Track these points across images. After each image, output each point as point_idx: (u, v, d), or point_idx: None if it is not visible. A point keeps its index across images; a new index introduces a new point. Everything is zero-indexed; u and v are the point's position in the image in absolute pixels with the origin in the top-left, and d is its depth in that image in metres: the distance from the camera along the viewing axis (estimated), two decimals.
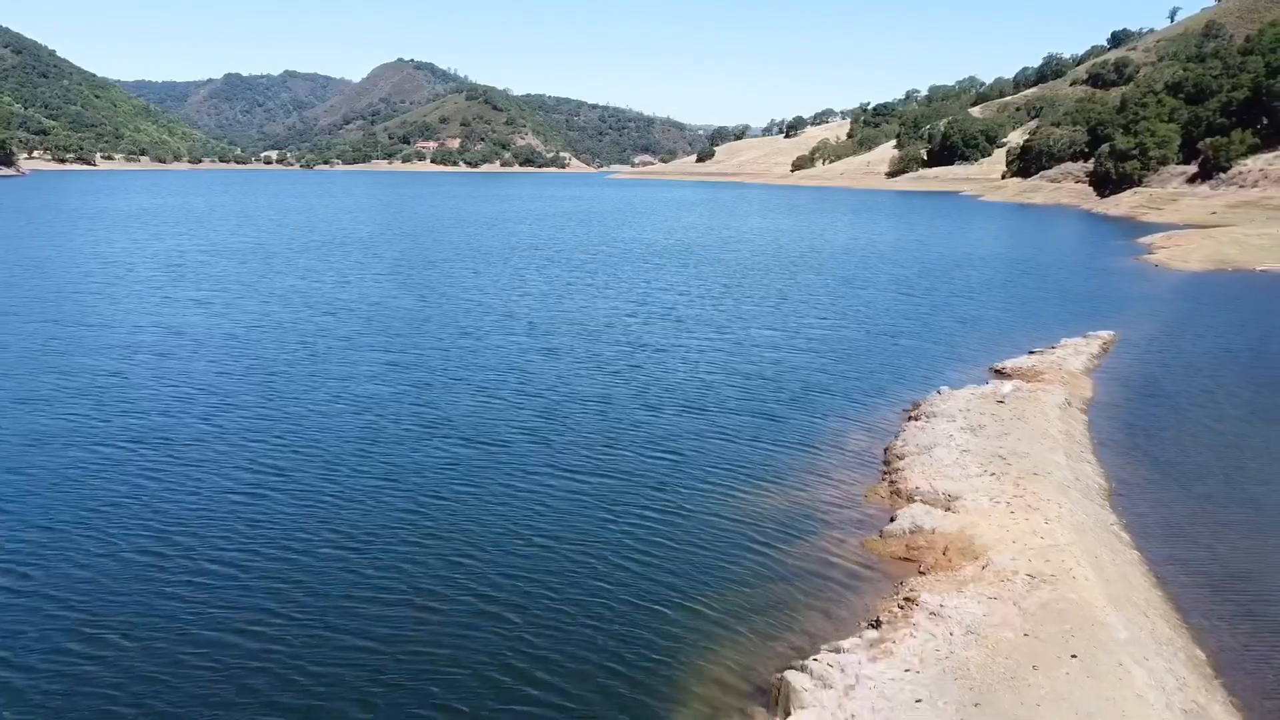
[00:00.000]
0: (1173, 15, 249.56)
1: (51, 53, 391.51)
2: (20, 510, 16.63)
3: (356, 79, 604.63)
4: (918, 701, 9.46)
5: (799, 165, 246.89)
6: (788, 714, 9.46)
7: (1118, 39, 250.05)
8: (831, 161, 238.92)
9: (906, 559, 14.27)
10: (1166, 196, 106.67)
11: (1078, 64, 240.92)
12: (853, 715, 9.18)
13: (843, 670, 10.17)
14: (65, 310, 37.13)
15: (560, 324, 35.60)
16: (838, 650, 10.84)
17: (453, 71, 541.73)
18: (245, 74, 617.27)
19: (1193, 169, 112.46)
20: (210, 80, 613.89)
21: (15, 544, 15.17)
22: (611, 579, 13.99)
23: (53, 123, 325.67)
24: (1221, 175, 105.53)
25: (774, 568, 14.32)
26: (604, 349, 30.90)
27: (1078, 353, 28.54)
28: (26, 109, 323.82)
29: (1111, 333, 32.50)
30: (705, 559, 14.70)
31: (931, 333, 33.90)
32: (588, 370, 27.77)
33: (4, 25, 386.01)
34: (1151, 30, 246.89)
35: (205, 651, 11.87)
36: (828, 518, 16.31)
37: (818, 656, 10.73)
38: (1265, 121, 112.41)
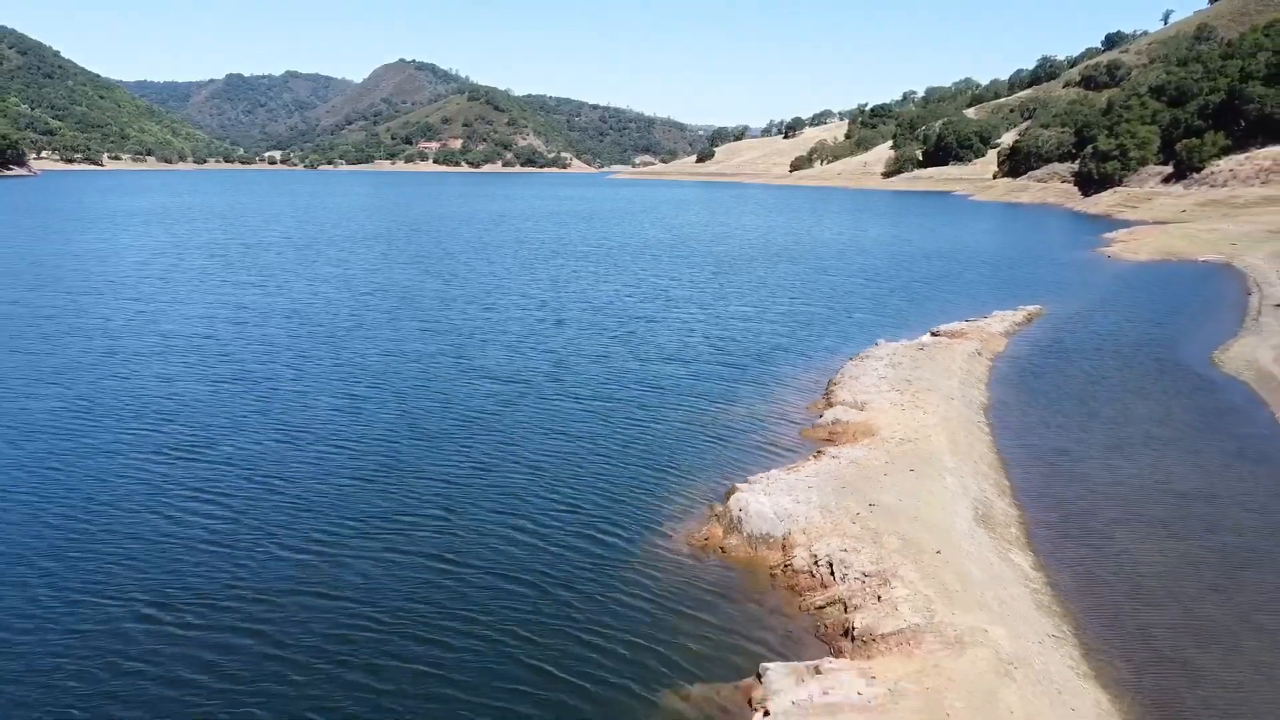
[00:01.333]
0: (1166, 18, 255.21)
1: (56, 53, 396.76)
2: (176, 419, 22.81)
3: (358, 79, 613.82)
4: (809, 487, 15.63)
5: (797, 166, 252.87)
6: (732, 495, 15.63)
7: (1112, 41, 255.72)
8: (829, 162, 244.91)
9: (828, 439, 20.43)
10: (1142, 195, 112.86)
11: (1072, 66, 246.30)
12: (768, 490, 15.36)
13: (767, 478, 16.36)
14: (142, 291, 43.37)
15: (567, 301, 41.79)
16: (767, 473, 17.01)
17: (454, 72, 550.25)
18: (247, 74, 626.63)
19: (1169, 169, 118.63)
20: (212, 81, 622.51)
21: (183, 440, 21.38)
22: (611, 456, 20.17)
23: (59, 123, 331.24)
24: (1194, 175, 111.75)
25: (733, 446, 20.50)
26: (604, 320, 37.07)
27: (1003, 320, 34.73)
28: (33, 109, 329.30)
29: (1039, 306, 38.74)
30: (679, 444, 20.87)
31: (886, 308, 40.12)
32: (591, 334, 33.95)
33: (9, 26, 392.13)
34: (1145, 33, 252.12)
35: (338, 491, 18.11)
36: (776, 420, 22.50)
37: (754, 476, 16.91)
38: (1243, 124, 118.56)
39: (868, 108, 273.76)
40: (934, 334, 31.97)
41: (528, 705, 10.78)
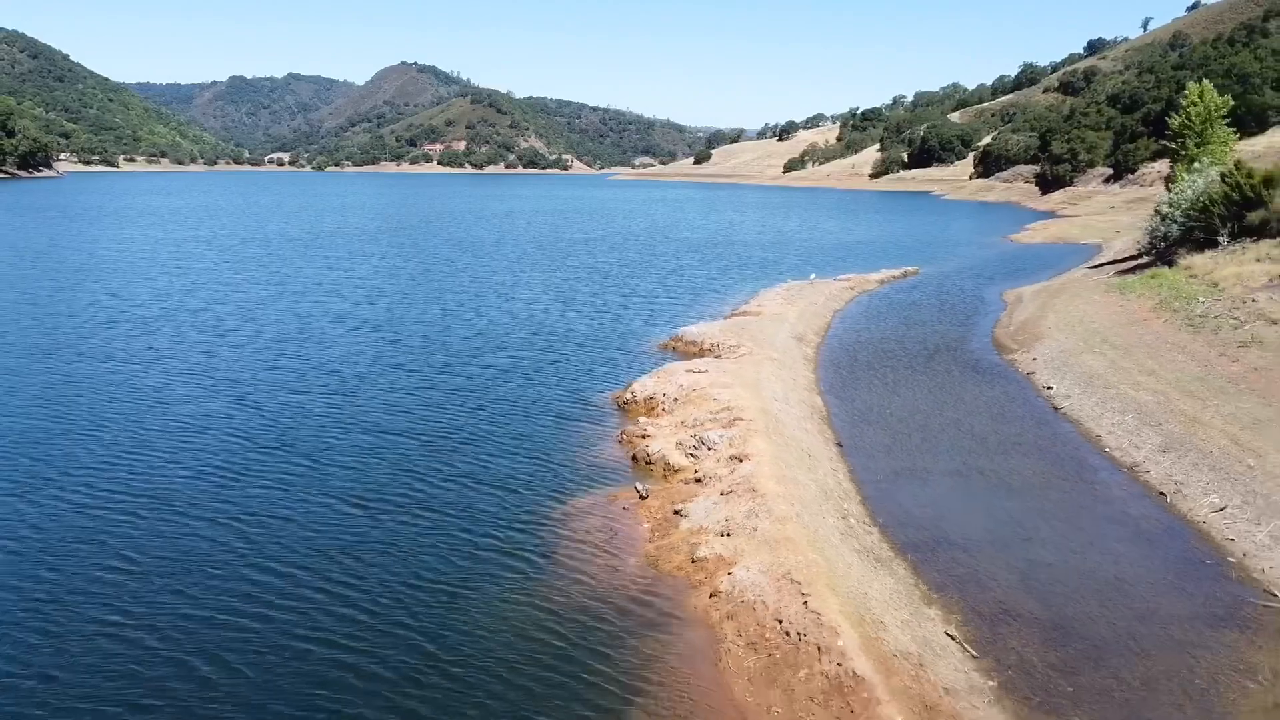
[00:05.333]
0: (1145, 25, 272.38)
1: (65, 56, 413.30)
2: (348, 320, 40.04)
3: (360, 81, 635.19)
4: (717, 326, 32.96)
5: (790, 167, 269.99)
6: (679, 330, 32.95)
7: (1093, 47, 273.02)
8: (821, 164, 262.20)
9: (742, 315, 37.59)
10: (1084, 195, 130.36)
11: (1053, 72, 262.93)
12: (698, 328, 32.64)
13: (697, 325, 33.66)
14: (263, 263, 60.75)
15: (574, 270, 59.11)
16: (698, 324, 34.34)
17: (456, 74, 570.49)
18: (249, 76, 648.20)
19: (1111, 171, 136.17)
20: (215, 83, 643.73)
21: (353, 330, 38.69)
22: (605, 330, 37.32)
23: (73, 126, 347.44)
24: (1129, 176, 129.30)
25: (681, 323, 37.68)
26: (602, 278, 54.39)
27: (883, 274, 52.11)
28: (47, 112, 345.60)
29: (916, 267, 56.06)
30: (650, 325, 38.01)
31: (803, 270, 57.23)
32: (589, 284, 51.27)
33: (19, 30, 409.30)
34: (1126, 39, 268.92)
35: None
36: (708, 316, 39.73)
37: (691, 321, 34.22)
38: None
39: (858, 111, 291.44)
40: (817, 276, 49.20)
41: (588, 379, 27.84)
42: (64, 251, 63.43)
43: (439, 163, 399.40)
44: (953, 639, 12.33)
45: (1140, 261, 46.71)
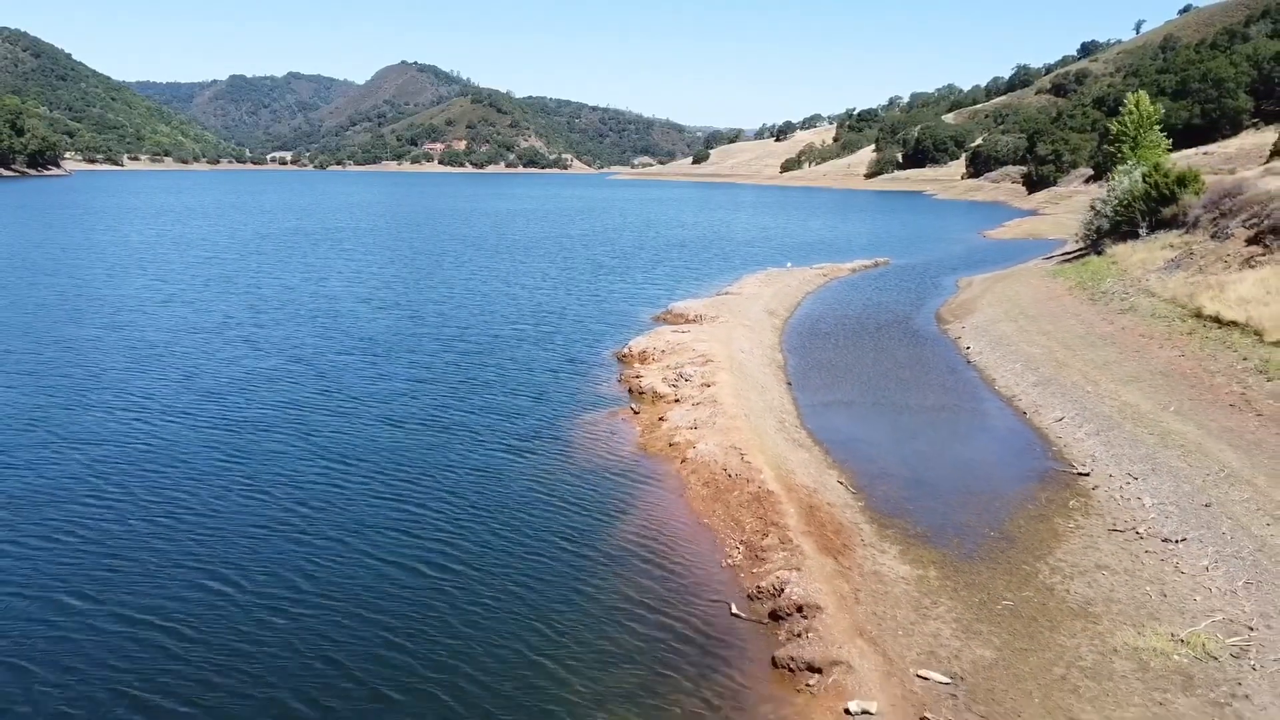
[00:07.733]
0: (1138, 28, 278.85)
1: (68, 56, 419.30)
2: (388, 293, 46.24)
3: (360, 81, 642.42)
4: (701, 302, 39.16)
5: (787, 167, 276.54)
6: (670, 304, 39.18)
7: (1087, 50, 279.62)
8: (817, 164, 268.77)
9: (724, 295, 43.81)
10: (1065, 194, 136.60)
11: (1046, 74, 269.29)
12: (684, 302, 38.82)
13: (684, 301, 39.86)
14: (300, 252, 66.93)
15: (573, 260, 65.42)
16: (685, 300, 40.58)
17: (456, 74, 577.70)
18: (249, 75, 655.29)
19: (1091, 172, 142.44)
20: (215, 82, 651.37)
21: (402, 306, 44.91)
22: (598, 305, 43.53)
23: (77, 125, 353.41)
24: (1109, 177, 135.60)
25: (668, 300, 43.86)
26: (596, 266, 60.61)
27: (855, 263, 58.39)
28: (51, 111, 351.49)
29: (887, 258, 62.30)
30: (642, 299, 44.24)
31: (783, 261, 63.49)
32: (586, 270, 57.48)
33: (21, 29, 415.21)
34: (1119, 41, 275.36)
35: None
36: (697, 295, 45.94)
37: (679, 299, 40.48)
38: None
39: (855, 112, 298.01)
40: (794, 265, 55.46)
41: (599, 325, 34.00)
42: (102, 245, 69.60)
43: (440, 162, 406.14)
44: (841, 484, 18.55)
45: (1080, 251, 52.95)
